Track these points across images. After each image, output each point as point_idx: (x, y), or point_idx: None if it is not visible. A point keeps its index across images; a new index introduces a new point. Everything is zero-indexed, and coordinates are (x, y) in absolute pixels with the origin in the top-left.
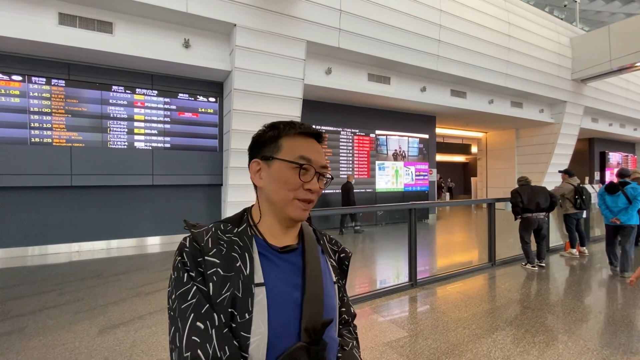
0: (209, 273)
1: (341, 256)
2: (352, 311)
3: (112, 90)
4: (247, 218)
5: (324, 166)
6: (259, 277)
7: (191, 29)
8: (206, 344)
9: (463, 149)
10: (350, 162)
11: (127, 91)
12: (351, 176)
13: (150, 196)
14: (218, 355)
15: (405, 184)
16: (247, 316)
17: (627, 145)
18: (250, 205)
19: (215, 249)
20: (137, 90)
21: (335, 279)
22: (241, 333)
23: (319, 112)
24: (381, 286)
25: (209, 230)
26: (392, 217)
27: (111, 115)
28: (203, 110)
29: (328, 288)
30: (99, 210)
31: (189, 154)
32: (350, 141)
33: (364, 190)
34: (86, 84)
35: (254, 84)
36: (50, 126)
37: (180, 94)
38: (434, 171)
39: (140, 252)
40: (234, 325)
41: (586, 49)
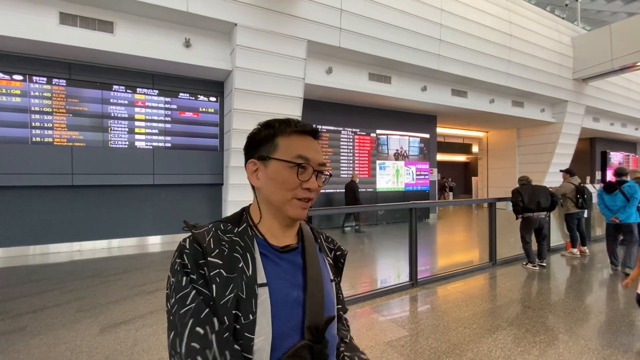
0: (212, 274)
1: (337, 254)
2: (345, 306)
3: (113, 89)
4: (247, 218)
5: (322, 163)
6: (261, 277)
7: (192, 29)
8: (206, 350)
9: (464, 148)
10: (351, 162)
11: (128, 91)
12: (356, 175)
13: (151, 195)
14: None
15: (406, 183)
16: (251, 317)
17: (628, 145)
18: (249, 204)
19: (217, 250)
20: (138, 89)
21: (332, 276)
22: (245, 334)
23: (319, 111)
24: (382, 285)
25: (210, 231)
26: (393, 216)
27: (112, 115)
28: (204, 109)
29: (327, 286)
30: (100, 209)
31: (189, 154)
32: (351, 141)
33: (364, 190)
34: (87, 83)
35: (254, 83)
36: (51, 125)
37: (181, 94)
38: (435, 171)
39: (141, 251)
40: (238, 327)
41: (587, 48)
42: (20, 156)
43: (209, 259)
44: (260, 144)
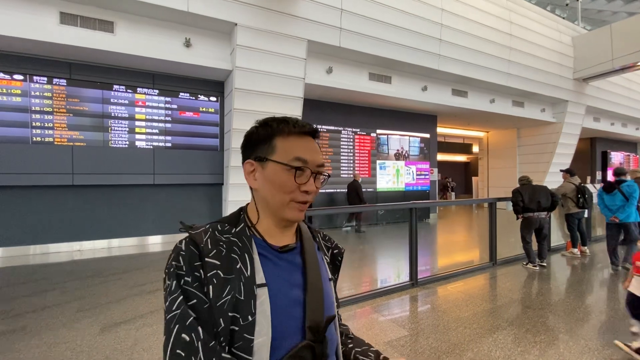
0: (209, 275)
1: (334, 252)
2: (338, 302)
3: (114, 89)
4: (244, 218)
5: (321, 164)
6: (260, 278)
7: (192, 28)
8: (191, 357)
9: (464, 148)
10: (352, 162)
11: (129, 90)
12: (358, 175)
13: (151, 195)
14: None
15: (406, 183)
16: (250, 318)
17: (629, 145)
18: (247, 204)
19: (215, 250)
20: (138, 89)
21: (331, 275)
22: (245, 335)
23: (320, 111)
24: (382, 285)
25: (207, 231)
26: (393, 216)
27: (112, 115)
28: (204, 109)
29: (326, 285)
30: (101, 209)
31: (190, 153)
32: (351, 140)
33: (365, 190)
34: (87, 83)
35: (254, 83)
36: (51, 125)
37: (181, 93)
38: (435, 170)
39: (141, 251)
40: (236, 329)
41: (588, 48)
42: (21, 156)
43: (206, 259)
44: (258, 144)
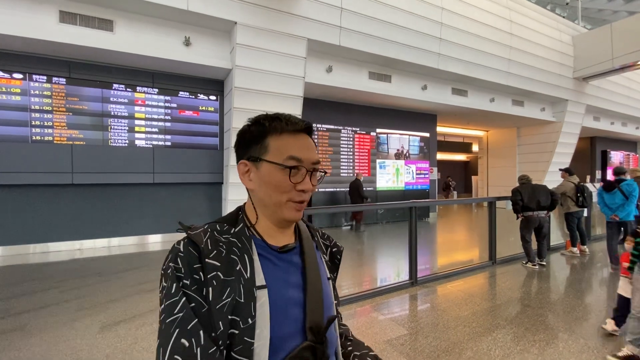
0: (209, 277)
1: (333, 251)
2: (338, 301)
3: (113, 88)
4: (243, 218)
5: (316, 162)
6: (260, 279)
7: (192, 27)
8: None
9: (464, 147)
10: (351, 161)
11: (128, 89)
12: (360, 174)
13: (151, 194)
14: None
15: (406, 182)
16: (250, 321)
17: (628, 144)
18: (244, 203)
19: (215, 251)
20: (138, 88)
21: (330, 274)
22: (245, 339)
23: (319, 110)
24: (382, 284)
25: (207, 232)
26: (393, 215)
27: (112, 114)
28: (204, 108)
29: (326, 285)
30: (100, 208)
31: (189, 152)
32: (351, 140)
33: (365, 189)
34: (87, 82)
35: (254, 82)
36: (51, 124)
37: (180, 92)
38: (435, 170)
39: (141, 250)
40: (236, 332)
41: (588, 47)
42: (21, 155)
43: (206, 260)
44: (250, 143)
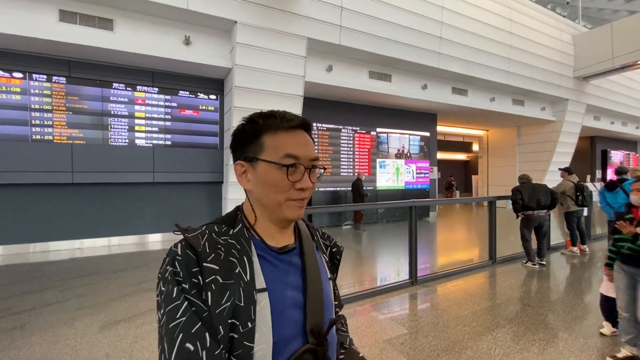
0: (207, 281)
1: (333, 250)
2: (341, 302)
3: (113, 87)
4: (242, 218)
5: (314, 158)
6: (260, 282)
7: (192, 26)
8: None
9: (464, 146)
10: (352, 160)
11: (128, 88)
12: (362, 174)
13: (151, 193)
14: None
15: (406, 181)
16: (250, 325)
17: (628, 144)
18: (243, 202)
19: (213, 254)
20: (138, 87)
21: (330, 274)
22: (245, 343)
23: (319, 109)
24: (382, 283)
25: (204, 234)
26: (393, 214)
27: (112, 113)
28: (204, 107)
29: (326, 286)
30: (100, 207)
31: (189, 152)
32: (351, 139)
33: (365, 188)
34: (87, 81)
35: (254, 81)
36: (51, 123)
37: (181, 92)
38: (435, 169)
39: (141, 249)
40: (236, 336)
41: (588, 46)
42: (20, 154)
43: (204, 264)
44: (246, 142)
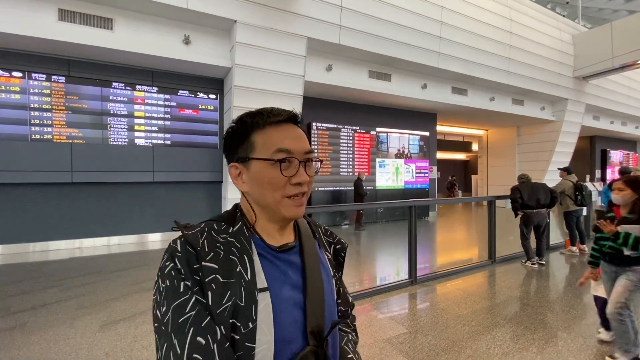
0: (207, 280)
1: (337, 248)
2: (350, 301)
3: (112, 86)
4: (241, 216)
5: (308, 151)
6: (261, 281)
7: (191, 25)
8: None
9: (464, 146)
10: (351, 160)
11: (127, 88)
12: (362, 174)
13: (151, 193)
14: None
15: (405, 181)
16: (251, 325)
17: (628, 143)
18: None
19: (212, 253)
20: (137, 86)
21: (333, 272)
22: (246, 344)
23: (319, 109)
24: (381, 283)
25: (203, 231)
26: (393, 214)
27: (111, 112)
28: (203, 107)
29: (327, 285)
30: (100, 206)
31: (189, 151)
32: (351, 138)
33: (364, 188)
34: (86, 80)
35: (254, 80)
36: (50, 123)
37: (180, 91)
38: (435, 168)
39: (141, 248)
40: (237, 337)
41: (588, 46)
42: (20, 153)
43: (203, 263)
44: (237, 144)
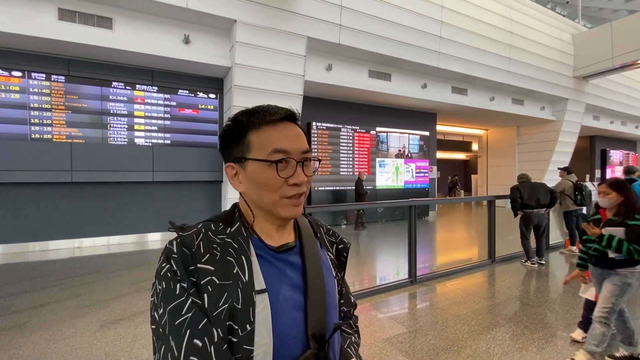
0: (203, 283)
1: (339, 247)
2: (352, 301)
3: (112, 86)
4: (240, 216)
5: (306, 150)
6: (259, 282)
7: (191, 25)
8: None
9: (464, 146)
10: (351, 159)
11: (127, 87)
12: (362, 174)
13: (151, 192)
14: None
15: (405, 181)
16: (248, 327)
17: (628, 143)
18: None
19: (208, 254)
20: (137, 86)
21: (335, 272)
22: (244, 346)
23: (319, 108)
24: (381, 283)
25: (199, 232)
26: (393, 214)
27: (111, 112)
28: (203, 106)
29: (329, 286)
30: (100, 206)
31: (189, 151)
32: (351, 138)
33: (364, 187)
34: (86, 79)
35: (254, 80)
36: (50, 122)
37: (180, 90)
38: (435, 168)
39: (140, 248)
40: (234, 340)
41: (588, 46)
42: (20, 153)
43: (199, 265)
44: (233, 143)
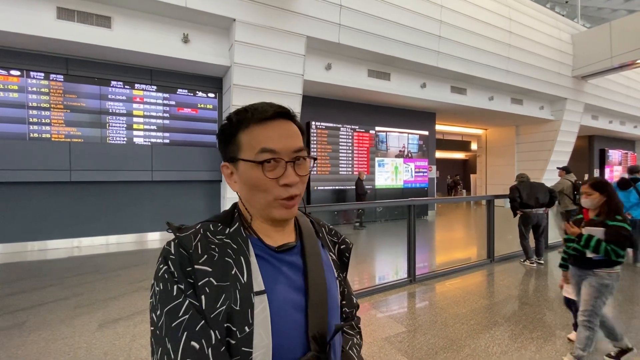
0: (200, 284)
1: (341, 247)
2: (355, 302)
3: (111, 85)
4: (239, 216)
5: (298, 149)
6: (258, 284)
7: (190, 24)
8: None
9: (463, 145)
10: (350, 159)
11: (126, 86)
12: (362, 173)
13: (150, 192)
14: None
15: (404, 180)
16: (247, 329)
17: (627, 143)
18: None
19: (206, 256)
20: (136, 85)
21: (337, 273)
22: (242, 349)
23: (318, 108)
24: (380, 282)
25: (197, 233)
26: (392, 213)
27: (110, 111)
28: (202, 106)
29: (331, 287)
30: (99, 206)
31: (188, 150)
32: (350, 138)
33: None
34: (85, 79)
35: (253, 79)
36: (49, 121)
37: (179, 90)
38: (434, 168)
39: (139, 247)
40: (233, 342)
41: (587, 45)
42: (18, 152)
43: (196, 266)
44: (227, 143)
